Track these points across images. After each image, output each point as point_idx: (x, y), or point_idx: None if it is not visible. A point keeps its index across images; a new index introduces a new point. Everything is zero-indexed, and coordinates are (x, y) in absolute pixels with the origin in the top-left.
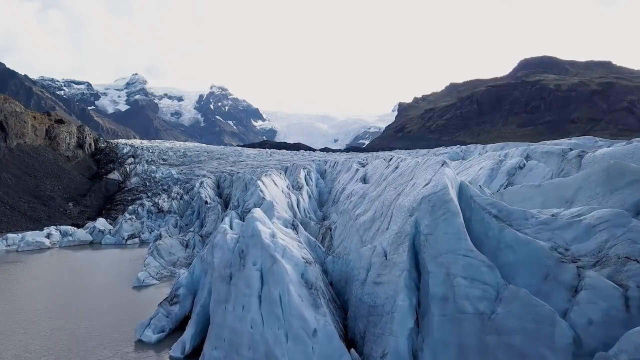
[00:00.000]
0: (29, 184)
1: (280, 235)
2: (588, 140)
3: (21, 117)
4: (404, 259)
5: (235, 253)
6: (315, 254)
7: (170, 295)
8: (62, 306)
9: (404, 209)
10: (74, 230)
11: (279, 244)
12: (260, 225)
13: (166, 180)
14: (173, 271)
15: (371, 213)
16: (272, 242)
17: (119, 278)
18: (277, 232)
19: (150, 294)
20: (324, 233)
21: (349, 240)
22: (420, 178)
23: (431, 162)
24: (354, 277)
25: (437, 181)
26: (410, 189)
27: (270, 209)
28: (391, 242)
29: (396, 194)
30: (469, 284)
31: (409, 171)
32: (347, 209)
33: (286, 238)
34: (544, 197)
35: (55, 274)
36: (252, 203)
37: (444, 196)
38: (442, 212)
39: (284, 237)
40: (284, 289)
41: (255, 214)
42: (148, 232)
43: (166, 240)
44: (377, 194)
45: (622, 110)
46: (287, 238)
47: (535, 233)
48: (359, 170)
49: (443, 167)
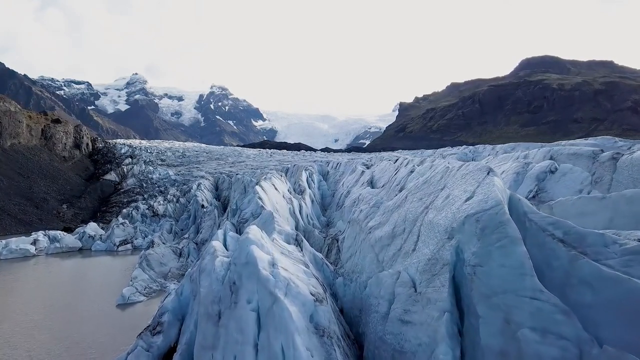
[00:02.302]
0: (21, 186)
1: (282, 262)
2: (607, 140)
3: (16, 117)
4: (443, 297)
5: (226, 285)
6: (322, 274)
7: (152, 322)
8: (25, 333)
9: (438, 228)
10: (63, 235)
11: (281, 276)
12: (256, 251)
13: (163, 181)
14: (164, 285)
15: (389, 227)
16: (271, 273)
17: (103, 293)
18: (279, 257)
19: (136, 314)
20: (330, 244)
21: (360, 255)
22: (457, 189)
23: (470, 169)
24: (371, 307)
25: (485, 195)
26: (443, 202)
27: (270, 220)
28: (422, 270)
29: (423, 206)
30: (541, 339)
31: (438, 178)
32: (357, 219)
33: (289, 265)
34: (612, 213)
35: (31, 289)
36: (249, 212)
37: (498, 216)
38: (497, 238)
39: (287, 264)
40: (288, 340)
41: (251, 234)
42: (141, 238)
43: (157, 249)
44: (394, 203)
45: (626, 110)
46: (291, 264)
47: (623, 266)
48: (365, 173)
49: (490, 177)
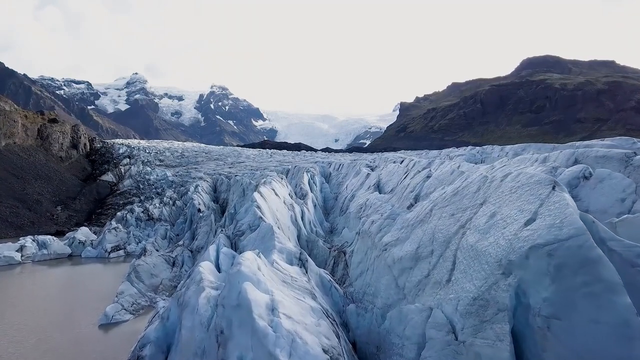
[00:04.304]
0: (14, 187)
1: (284, 305)
2: (624, 141)
3: (10, 116)
4: (501, 356)
5: (212, 332)
6: (330, 299)
7: (132, 356)
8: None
9: (485, 258)
10: (52, 241)
11: (284, 329)
12: (251, 291)
13: (160, 183)
14: (154, 299)
15: (410, 247)
16: (271, 323)
17: (87, 309)
18: (280, 297)
19: (120, 336)
20: (336, 256)
21: (373, 275)
22: (507, 206)
23: (522, 180)
24: (393, 348)
25: (556, 217)
26: (488, 223)
27: (270, 236)
28: (465, 312)
29: (456, 224)
30: None
31: (473, 190)
32: (368, 232)
33: (293, 307)
34: None
35: (7, 304)
36: (246, 224)
37: (583, 250)
38: (584, 281)
39: (290, 306)
40: None
41: (244, 266)
42: (135, 243)
43: (148, 259)
44: (415, 217)
45: (629, 109)
46: (295, 304)
47: None
48: (370, 176)
49: (557, 192)
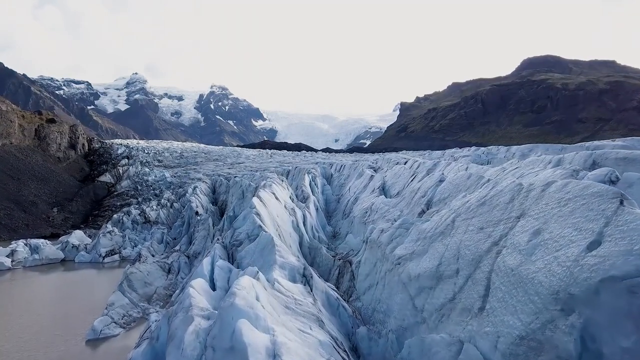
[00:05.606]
0: (9, 188)
1: (288, 347)
2: (637, 141)
3: (7, 116)
4: None
5: None
6: (338, 319)
7: None
8: None
9: (535, 287)
10: (45, 244)
11: None
12: (246, 331)
13: (159, 184)
14: (147, 310)
15: (430, 263)
16: None
17: (76, 320)
18: (283, 338)
19: (108, 354)
20: (341, 266)
21: (384, 291)
22: (557, 222)
23: (575, 191)
24: None
25: (636, 242)
26: (532, 242)
27: (270, 249)
28: (508, 353)
29: (488, 241)
30: None
31: (506, 200)
32: (377, 242)
33: (299, 348)
34: None
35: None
36: (244, 232)
37: None
38: None
39: (295, 349)
40: None
41: (238, 299)
42: (130, 247)
43: (142, 267)
44: (434, 228)
45: (632, 109)
46: (301, 344)
47: None
48: (374, 177)
49: (630, 209)
